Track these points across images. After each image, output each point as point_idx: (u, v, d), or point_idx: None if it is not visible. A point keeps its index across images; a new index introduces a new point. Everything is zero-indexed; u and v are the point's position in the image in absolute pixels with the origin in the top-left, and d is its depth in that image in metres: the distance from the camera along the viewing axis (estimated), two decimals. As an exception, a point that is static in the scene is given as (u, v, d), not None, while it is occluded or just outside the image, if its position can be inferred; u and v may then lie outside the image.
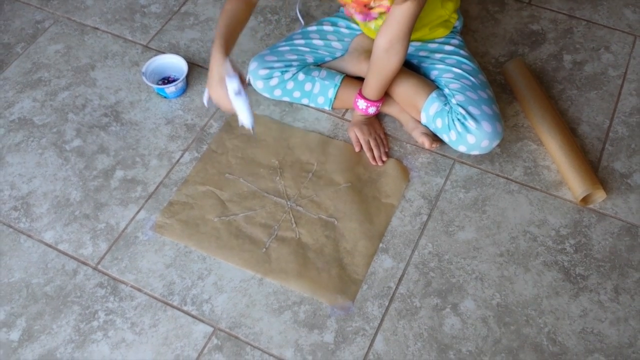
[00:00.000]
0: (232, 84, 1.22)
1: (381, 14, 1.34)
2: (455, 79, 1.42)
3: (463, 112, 1.36)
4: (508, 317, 1.25)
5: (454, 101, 1.38)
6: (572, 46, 1.69)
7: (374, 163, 1.46)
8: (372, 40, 1.54)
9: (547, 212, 1.39)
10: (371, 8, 1.31)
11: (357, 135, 1.49)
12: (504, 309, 1.26)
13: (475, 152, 1.40)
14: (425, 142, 1.46)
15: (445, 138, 1.42)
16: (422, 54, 1.52)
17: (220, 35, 1.28)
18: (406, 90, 1.46)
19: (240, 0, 1.34)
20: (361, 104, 1.46)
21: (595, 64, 1.65)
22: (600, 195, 1.38)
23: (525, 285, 1.29)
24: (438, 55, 1.50)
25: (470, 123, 1.35)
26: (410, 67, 1.53)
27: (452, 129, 1.38)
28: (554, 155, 1.44)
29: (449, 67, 1.46)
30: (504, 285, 1.29)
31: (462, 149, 1.40)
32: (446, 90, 1.42)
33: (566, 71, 1.64)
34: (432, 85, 1.46)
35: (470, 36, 1.71)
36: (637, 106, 1.56)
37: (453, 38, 1.52)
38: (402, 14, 1.27)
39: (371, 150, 1.47)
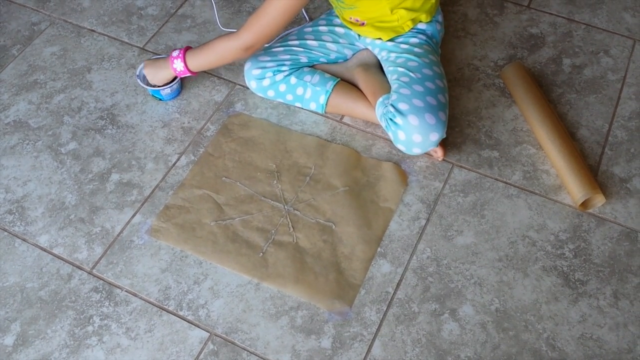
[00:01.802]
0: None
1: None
2: (397, 78, 1.40)
3: (392, 110, 1.35)
4: (507, 322, 1.25)
5: (388, 102, 1.38)
6: (571, 50, 1.68)
7: None
8: (375, 58, 1.55)
9: (546, 217, 1.38)
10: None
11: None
12: (503, 315, 1.25)
13: (417, 150, 1.37)
14: (439, 151, 1.45)
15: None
16: (382, 54, 1.51)
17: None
18: (369, 97, 1.47)
19: None
20: (178, 65, 1.48)
21: (594, 68, 1.64)
22: (599, 200, 1.38)
23: (524, 291, 1.28)
24: (393, 55, 1.47)
25: (398, 119, 1.34)
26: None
27: (389, 130, 1.37)
28: (553, 159, 1.43)
29: (396, 67, 1.43)
30: (503, 291, 1.28)
31: (401, 148, 1.38)
32: (392, 93, 1.40)
33: (565, 75, 1.63)
34: (386, 89, 1.44)
35: (469, 39, 1.71)
36: (637, 110, 1.56)
37: (414, 37, 1.48)
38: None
39: None
